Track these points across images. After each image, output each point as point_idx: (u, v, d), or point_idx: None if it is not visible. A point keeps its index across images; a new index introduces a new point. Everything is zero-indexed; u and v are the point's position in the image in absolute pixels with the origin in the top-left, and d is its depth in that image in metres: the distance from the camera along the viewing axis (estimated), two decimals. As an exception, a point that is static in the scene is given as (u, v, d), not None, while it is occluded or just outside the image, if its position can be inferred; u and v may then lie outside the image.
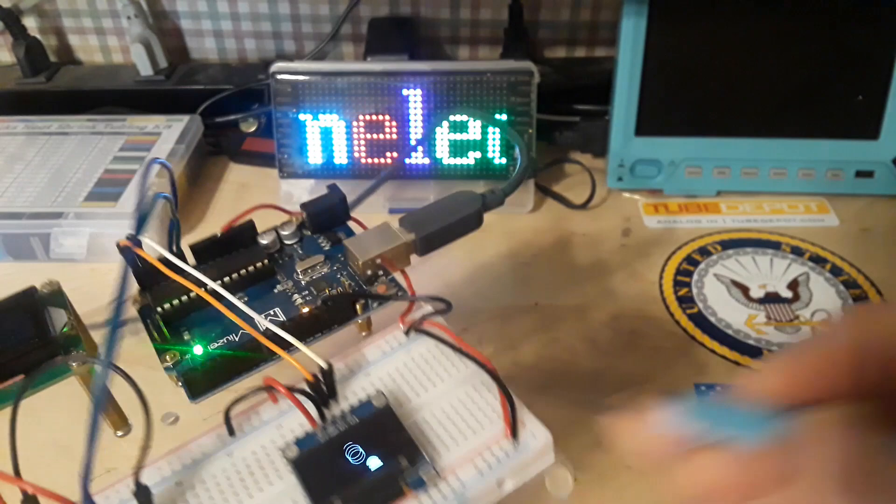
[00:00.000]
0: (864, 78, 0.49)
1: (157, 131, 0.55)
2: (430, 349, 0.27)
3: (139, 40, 0.60)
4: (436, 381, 0.26)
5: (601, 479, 0.34)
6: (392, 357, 0.26)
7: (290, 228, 0.31)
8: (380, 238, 0.28)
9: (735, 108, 0.51)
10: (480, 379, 0.25)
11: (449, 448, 0.23)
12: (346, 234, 0.31)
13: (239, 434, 0.24)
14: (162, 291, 0.27)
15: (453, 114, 0.47)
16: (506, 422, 0.24)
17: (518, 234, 0.49)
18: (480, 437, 0.24)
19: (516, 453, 0.23)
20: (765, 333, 0.41)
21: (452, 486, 0.22)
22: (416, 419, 0.24)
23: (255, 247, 0.30)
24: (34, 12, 0.64)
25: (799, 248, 0.47)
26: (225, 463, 0.23)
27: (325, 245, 0.31)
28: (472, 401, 0.25)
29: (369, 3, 0.62)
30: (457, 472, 0.23)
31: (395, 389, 0.25)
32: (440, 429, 0.24)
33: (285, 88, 0.48)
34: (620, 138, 0.51)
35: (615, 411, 0.23)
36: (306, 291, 0.28)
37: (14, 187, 0.49)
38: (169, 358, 0.26)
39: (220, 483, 0.23)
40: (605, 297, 0.44)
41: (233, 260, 0.29)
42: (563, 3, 0.61)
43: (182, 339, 0.27)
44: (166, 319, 0.27)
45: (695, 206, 0.51)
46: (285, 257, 0.30)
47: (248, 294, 0.29)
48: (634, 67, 0.49)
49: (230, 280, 0.28)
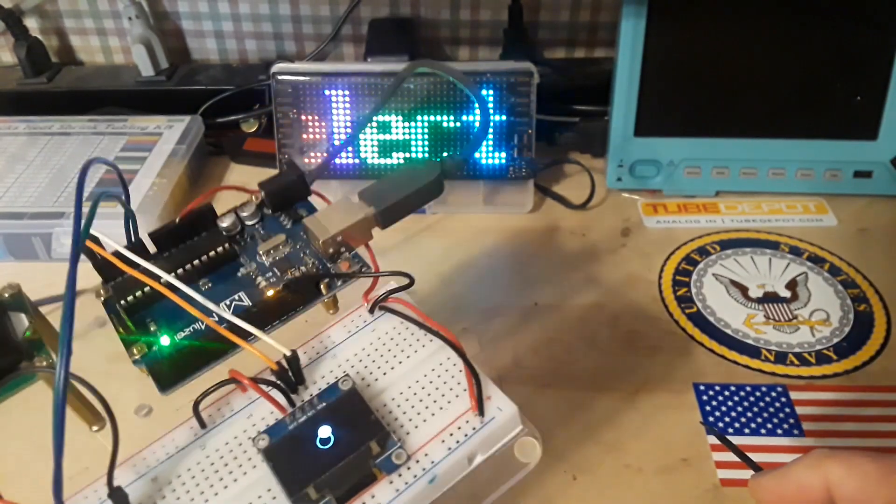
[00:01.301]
0: (863, 79, 0.49)
1: (159, 132, 0.55)
2: (395, 326, 0.26)
3: (140, 41, 0.61)
4: (402, 358, 0.25)
5: (601, 478, 0.34)
6: (357, 336, 0.26)
7: (250, 209, 0.30)
8: (340, 214, 0.27)
9: (734, 108, 0.51)
10: (446, 355, 0.25)
11: (418, 427, 0.23)
12: (307, 210, 0.30)
13: (210, 425, 0.24)
14: (123, 284, 0.27)
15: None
16: (472, 397, 0.24)
17: (517, 234, 0.49)
18: (448, 413, 0.24)
19: (484, 427, 0.23)
20: (763, 333, 0.41)
21: (423, 465, 0.22)
22: (384, 399, 0.24)
23: (215, 230, 0.29)
24: (36, 13, 0.64)
25: (797, 248, 0.47)
26: (199, 455, 0.23)
27: (286, 223, 0.30)
28: (439, 376, 0.25)
29: (369, 4, 0.63)
30: (426, 451, 0.23)
31: (362, 370, 0.25)
32: (408, 407, 0.24)
33: (286, 89, 0.48)
34: (620, 139, 0.51)
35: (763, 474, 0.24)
36: (270, 273, 0.28)
37: (16, 187, 0.50)
38: (136, 350, 0.25)
39: (196, 476, 0.23)
40: (605, 297, 0.44)
41: (194, 246, 0.28)
42: (563, 4, 0.62)
43: (148, 330, 0.26)
44: (130, 311, 0.27)
45: (694, 206, 0.52)
46: (247, 238, 0.29)
47: (211, 280, 0.28)
48: (634, 68, 0.49)
49: (192, 267, 0.28)
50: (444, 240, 0.49)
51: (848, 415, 0.37)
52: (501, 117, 0.48)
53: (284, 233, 0.29)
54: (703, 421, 0.34)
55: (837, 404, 0.37)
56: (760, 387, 0.38)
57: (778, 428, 0.36)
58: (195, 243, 0.28)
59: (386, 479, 0.22)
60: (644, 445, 0.35)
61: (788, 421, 0.36)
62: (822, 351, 0.40)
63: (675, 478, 0.34)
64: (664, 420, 0.37)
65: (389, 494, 0.22)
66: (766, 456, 0.35)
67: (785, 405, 0.37)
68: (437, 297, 0.44)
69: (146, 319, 0.27)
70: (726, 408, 0.37)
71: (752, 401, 0.37)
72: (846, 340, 0.41)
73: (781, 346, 0.41)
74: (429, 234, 0.49)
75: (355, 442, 0.22)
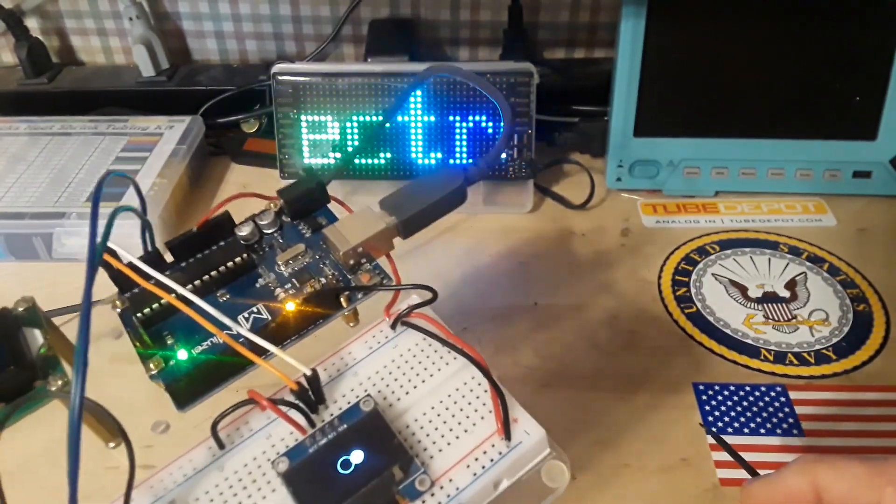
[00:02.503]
0: (862, 79, 0.49)
1: (159, 132, 0.55)
2: (417, 343, 0.25)
3: (141, 41, 0.61)
4: (425, 377, 0.25)
5: (601, 478, 0.34)
6: (379, 353, 0.25)
7: (269, 217, 0.29)
8: (361, 224, 0.27)
9: (733, 108, 0.51)
10: (471, 374, 0.24)
11: (442, 450, 0.23)
12: (326, 218, 0.30)
13: (229, 445, 0.23)
14: (140, 296, 0.26)
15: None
16: (498, 420, 0.23)
17: (517, 234, 0.49)
18: (473, 437, 0.23)
19: (510, 452, 0.23)
20: (763, 333, 0.42)
21: (448, 492, 0.22)
22: (407, 420, 0.23)
23: (233, 240, 0.28)
24: (36, 13, 0.64)
25: (797, 248, 0.48)
26: (217, 478, 0.23)
27: (305, 232, 0.29)
28: (463, 396, 0.24)
29: (370, 5, 0.63)
30: (451, 477, 0.22)
31: (384, 388, 0.24)
32: (431, 429, 0.23)
33: (286, 89, 0.48)
34: (619, 139, 0.51)
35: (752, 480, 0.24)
36: (289, 284, 0.27)
37: (17, 187, 0.50)
38: (153, 365, 0.25)
39: (214, 499, 0.22)
40: (604, 297, 0.44)
41: (211, 257, 0.27)
42: (563, 4, 0.62)
43: (165, 344, 0.26)
44: (147, 324, 0.26)
45: (693, 206, 0.52)
46: (265, 248, 0.29)
47: (229, 291, 0.27)
48: (633, 68, 0.49)
49: (209, 278, 0.27)
50: (444, 240, 0.49)
51: (847, 414, 0.37)
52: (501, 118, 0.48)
53: (304, 242, 0.28)
54: (701, 423, 0.34)
55: (836, 404, 0.37)
56: (760, 386, 0.38)
57: (777, 428, 0.36)
58: (212, 253, 0.27)
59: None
60: (643, 445, 0.36)
61: (788, 421, 0.36)
62: (822, 351, 0.40)
63: (674, 477, 0.34)
64: (664, 420, 0.37)
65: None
66: (765, 456, 0.35)
67: (784, 405, 0.37)
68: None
69: (163, 332, 0.26)
70: (726, 407, 0.37)
71: (751, 400, 0.38)
72: (845, 340, 0.41)
73: (781, 345, 0.41)
74: (429, 234, 0.49)
75: (378, 467, 0.21)
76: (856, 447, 0.35)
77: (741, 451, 0.35)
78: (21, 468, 0.32)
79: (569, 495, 0.34)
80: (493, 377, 0.23)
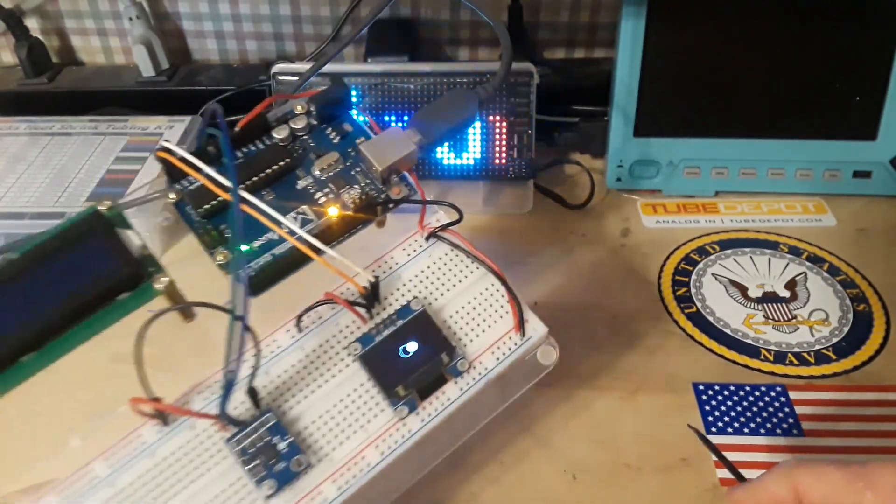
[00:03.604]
0: (862, 79, 0.49)
1: (159, 132, 0.55)
2: (447, 253, 0.31)
3: (141, 41, 0.61)
4: (455, 282, 0.30)
5: (601, 478, 0.34)
6: (416, 260, 0.30)
7: (302, 122, 0.31)
8: (392, 144, 0.30)
9: (733, 108, 0.51)
10: (490, 281, 0.30)
11: (472, 341, 0.29)
12: (350, 124, 0.32)
13: (305, 331, 0.28)
14: (198, 193, 0.28)
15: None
16: (514, 319, 0.29)
17: (517, 234, 0.49)
18: (496, 331, 0.29)
19: (524, 343, 0.29)
20: (763, 333, 0.42)
21: (479, 371, 0.29)
22: (443, 316, 0.29)
23: (272, 142, 0.31)
24: (36, 13, 0.64)
25: (797, 248, 0.48)
26: (299, 354, 0.28)
27: (334, 138, 0.32)
28: (486, 299, 0.30)
29: (370, 5, 0.63)
30: (481, 360, 0.29)
31: (423, 290, 0.30)
32: (463, 324, 0.29)
33: (286, 89, 0.48)
34: (619, 139, 0.51)
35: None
36: (327, 188, 0.30)
37: (17, 188, 0.50)
38: (221, 257, 0.27)
39: (300, 371, 0.27)
40: (604, 297, 0.44)
41: (254, 157, 0.30)
42: (563, 4, 0.62)
43: (225, 238, 0.28)
44: (207, 217, 0.28)
45: (693, 206, 0.52)
46: (299, 150, 0.31)
47: (273, 191, 0.30)
48: (633, 68, 0.49)
49: (258, 178, 0.29)
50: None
51: (847, 414, 0.37)
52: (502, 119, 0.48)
53: (334, 149, 0.31)
54: (690, 424, 0.35)
55: (836, 404, 0.37)
56: (760, 386, 0.38)
57: (777, 428, 0.36)
58: (256, 154, 0.30)
59: (453, 381, 0.28)
60: (643, 445, 0.36)
61: (788, 421, 0.36)
62: (822, 351, 0.40)
63: (674, 477, 0.34)
64: (664, 420, 0.37)
65: (456, 392, 0.28)
66: (765, 456, 0.35)
67: (784, 405, 0.37)
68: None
69: (220, 226, 0.28)
70: (725, 407, 0.37)
71: (751, 400, 0.38)
72: (845, 340, 0.41)
73: (781, 345, 0.41)
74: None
75: (430, 354, 0.28)
76: (855, 447, 0.35)
77: (741, 452, 0.35)
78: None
79: (569, 496, 0.34)
80: (510, 285, 0.29)
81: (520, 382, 0.31)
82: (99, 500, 0.24)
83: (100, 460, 0.25)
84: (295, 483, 0.25)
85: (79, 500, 0.24)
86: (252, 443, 0.25)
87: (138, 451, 0.25)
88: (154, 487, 0.24)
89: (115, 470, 0.24)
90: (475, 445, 0.35)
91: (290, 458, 0.25)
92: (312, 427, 0.26)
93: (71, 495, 0.24)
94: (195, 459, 0.25)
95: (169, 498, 0.24)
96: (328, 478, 0.25)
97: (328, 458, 0.26)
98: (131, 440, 0.25)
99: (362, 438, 0.26)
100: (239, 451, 0.25)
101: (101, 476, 0.24)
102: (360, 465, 0.26)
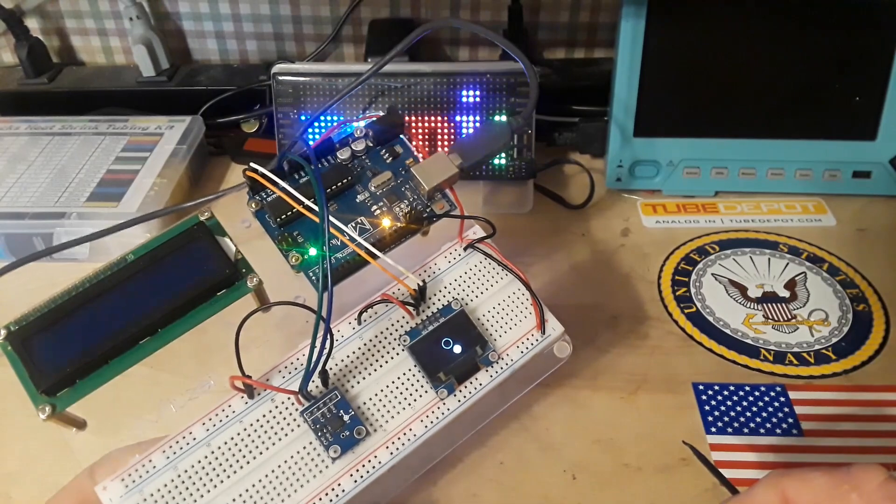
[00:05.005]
0: (862, 79, 0.49)
1: (160, 132, 0.55)
2: (481, 261, 0.35)
3: (141, 41, 0.61)
4: (487, 286, 0.34)
5: (601, 478, 0.34)
6: (455, 267, 0.35)
7: (362, 144, 0.36)
8: (438, 167, 0.35)
9: (733, 108, 0.51)
10: (517, 286, 0.34)
11: (501, 336, 0.33)
12: (402, 147, 0.37)
13: (364, 323, 0.33)
14: (276, 204, 0.33)
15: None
16: (537, 319, 0.34)
17: (517, 235, 0.49)
18: (520, 329, 0.34)
19: (544, 340, 0.34)
20: (762, 333, 0.42)
21: (506, 362, 0.33)
22: (477, 314, 0.34)
23: (338, 162, 0.35)
24: (37, 13, 0.64)
25: (796, 248, 0.48)
26: (358, 343, 0.32)
27: (387, 158, 0.36)
28: (513, 302, 0.34)
29: (370, 5, 0.63)
30: (508, 353, 0.33)
31: (461, 293, 0.34)
32: (493, 322, 0.34)
33: (286, 89, 0.48)
34: (619, 139, 0.51)
35: None
36: (381, 202, 0.35)
37: (17, 187, 0.50)
38: (294, 259, 0.32)
39: (359, 357, 0.32)
40: (604, 297, 0.44)
41: (326, 177, 0.34)
42: (563, 4, 0.62)
43: (297, 242, 0.33)
44: (283, 226, 0.33)
45: (693, 206, 0.52)
46: (357, 168, 0.36)
47: (337, 203, 0.34)
48: (633, 68, 0.49)
49: (328, 192, 0.34)
50: (443, 240, 0.49)
51: (846, 414, 0.37)
52: (501, 118, 0.49)
53: (390, 170, 0.35)
54: (685, 441, 0.35)
55: (836, 404, 0.37)
56: (759, 386, 0.38)
57: (777, 427, 0.36)
58: (328, 173, 0.34)
59: (484, 369, 0.32)
60: (643, 445, 0.36)
61: (787, 420, 0.36)
62: (821, 351, 0.41)
63: (674, 477, 0.34)
64: (663, 420, 0.37)
65: (487, 379, 0.32)
66: (765, 456, 0.35)
67: (784, 405, 0.37)
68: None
69: (294, 232, 0.33)
70: (725, 407, 0.37)
71: (751, 400, 0.38)
72: (845, 340, 0.41)
73: (780, 345, 0.41)
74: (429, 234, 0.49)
75: (467, 347, 0.32)
76: (855, 447, 0.35)
77: (740, 451, 0.35)
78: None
79: (569, 496, 0.34)
80: (534, 291, 0.34)
81: (538, 371, 0.36)
82: (196, 457, 0.28)
83: (198, 425, 0.29)
84: (356, 448, 0.30)
85: (181, 457, 0.28)
86: (323, 414, 0.30)
87: (230, 419, 0.29)
88: (242, 447, 0.29)
89: (210, 433, 0.29)
90: (475, 445, 0.36)
91: (352, 427, 0.30)
92: (369, 403, 0.31)
93: (175, 453, 0.28)
94: (275, 426, 0.30)
95: (255, 456, 0.29)
96: (382, 445, 0.30)
97: (382, 429, 0.30)
98: (223, 408, 0.29)
99: (410, 414, 0.31)
100: (311, 420, 0.30)
101: (199, 438, 0.29)
102: (407, 435, 0.30)
